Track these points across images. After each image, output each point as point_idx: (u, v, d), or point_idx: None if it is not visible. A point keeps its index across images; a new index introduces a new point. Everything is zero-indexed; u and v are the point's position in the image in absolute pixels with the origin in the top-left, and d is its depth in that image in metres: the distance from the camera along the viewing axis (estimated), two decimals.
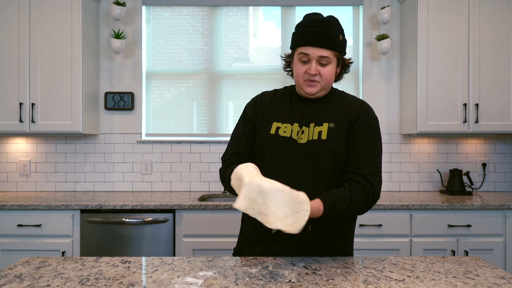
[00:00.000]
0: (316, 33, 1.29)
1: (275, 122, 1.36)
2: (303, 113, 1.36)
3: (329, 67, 1.32)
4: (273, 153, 1.34)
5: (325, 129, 1.32)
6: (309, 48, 1.29)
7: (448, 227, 2.48)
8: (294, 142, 1.33)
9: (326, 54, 1.29)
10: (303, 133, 1.33)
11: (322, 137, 1.31)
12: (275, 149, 1.34)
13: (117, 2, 2.93)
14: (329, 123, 1.33)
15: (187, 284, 1.10)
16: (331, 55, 1.31)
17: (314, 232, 1.32)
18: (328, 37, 1.29)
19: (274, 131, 1.35)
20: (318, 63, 1.31)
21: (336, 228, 1.37)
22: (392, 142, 3.13)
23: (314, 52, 1.29)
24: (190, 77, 3.21)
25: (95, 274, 1.18)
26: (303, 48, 1.31)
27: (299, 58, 1.33)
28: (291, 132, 1.34)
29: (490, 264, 1.28)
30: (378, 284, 1.11)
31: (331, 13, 3.20)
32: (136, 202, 2.56)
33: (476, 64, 2.78)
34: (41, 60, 2.75)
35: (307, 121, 1.35)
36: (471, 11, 2.78)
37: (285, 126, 1.35)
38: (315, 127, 1.33)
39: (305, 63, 1.32)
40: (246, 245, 1.45)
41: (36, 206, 2.48)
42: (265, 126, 1.38)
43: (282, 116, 1.37)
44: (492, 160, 3.12)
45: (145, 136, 3.19)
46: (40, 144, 3.11)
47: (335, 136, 1.31)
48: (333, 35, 1.30)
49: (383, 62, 3.13)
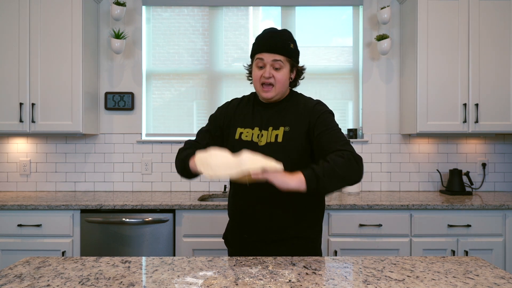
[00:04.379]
0: (269, 40, 1.47)
1: (239, 128, 1.54)
2: (262, 118, 1.52)
3: (283, 71, 1.47)
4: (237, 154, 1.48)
5: (281, 133, 1.47)
6: (264, 54, 1.46)
7: (448, 227, 2.48)
8: (255, 144, 1.48)
9: (279, 58, 1.45)
10: (262, 136, 1.49)
11: (278, 139, 1.46)
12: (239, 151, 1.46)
13: (117, 2, 2.93)
14: (284, 127, 1.48)
15: (187, 284, 1.10)
16: (283, 60, 1.46)
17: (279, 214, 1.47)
18: (281, 44, 1.46)
19: (238, 137, 1.52)
20: (272, 67, 1.46)
21: (303, 215, 1.50)
22: (392, 142, 3.13)
23: (268, 57, 1.46)
24: (190, 77, 3.21)
25: (95, 274, 1.18)
26: (259, 55, 1.48)
27: (256, 64, 1.49)
28: (252, 136, 1.50)
29: (490, 264, 1.28)
30: (378, 284, 1.11)
31: (331, 13, 3.22)
32: (136, 202, 2.57)
33: (476, 64, 2.78)
34: (41, 60, 2.75)
35: (266, 125, 1.50)
36: (471, 11, 2.78)
37: (247, 131, 1.52)
38: (272, 130, 1.48)
39: (261, 68, 1.48)
40: (227, 235, 1.64)
41: (36, 206, 2.48)
42: (231, 131, 1.55)
43: (245, 122, 1.54)
44: (492, 160, 3.12)
45: (145, 136, 3.19)
46: (40, 144, 3.11)
47: (290, 138, 1.46)
48: (285, 43, 1.47)
49: (383, 62, 3.13)
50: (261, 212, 1.49)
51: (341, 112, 3.22)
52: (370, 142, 3.12)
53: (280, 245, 1.50)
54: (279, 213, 1.48)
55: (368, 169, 3.12)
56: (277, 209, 1.47)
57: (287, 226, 1.49)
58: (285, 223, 1.49)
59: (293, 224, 1.49)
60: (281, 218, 1.49)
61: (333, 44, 3.24)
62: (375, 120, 3.13)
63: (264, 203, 1.47)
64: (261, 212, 1.49)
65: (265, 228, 1.49)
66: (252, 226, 1.51)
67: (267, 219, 1.48)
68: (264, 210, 1.48)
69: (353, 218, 2.48)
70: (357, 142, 3.11)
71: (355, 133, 3.12)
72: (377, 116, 3.13)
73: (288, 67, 1.48)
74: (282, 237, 1.50)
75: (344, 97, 3.21)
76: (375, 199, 2.65)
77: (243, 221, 1.53)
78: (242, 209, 1.53)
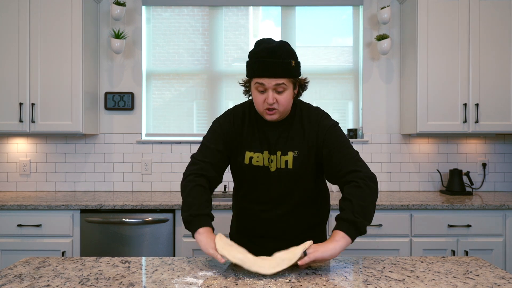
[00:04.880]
0: (269, 64, 1.32)
1: (247, 152, 1.45)
2: (269, 141, 1.44)
3: (286, 93, 1.36)
4: (249, 179, 1.49)
5: (290, 158, 1.42)
6: (264, 79, 1.33)
7: (448, 227, 2.48)
8: (267, 169, 1.45)
9: (281, 81, 1.33)
10: (272, 161, 1.44)
11: (289, 166, 1.42)
12: (251, 177, 1.47)
13: (117, 2, 2.93)
14: (293, 152, 1.42)
15: (187, 284, 1.10)
16: (286, 82, 1.35)
17: (291, 233, 1.51)
18: (281, 67, 1.32)
19: (248, 161, 1.45)
20: (274, 91, 1.35)
21: (313, 232, 1.54)
22: (392, 142, 3.13)
23: (269, 82, 1.33)
24: (190, 77, 3.21)
25: (95, 274, 1.18)
26: (259, 79, 1.34)
27: (256, 88, 1.37)
28: (263, 161, 1.45)
29: (490, 264, 1.28)
30: (378, 284, 1.11)
31: (331, 13, 3.22)
32: (136, 202, 2.56)
33: (476, 64, 2.78)
34: (41, 60, 2.75)
35: (274, 149, 1.44)
36: (471, 11, 2.78)
37: (257, 156, 1.45)
38: (281, 156, 1.43)
39: (262, 92, 1.36)
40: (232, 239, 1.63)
41: (36, 206, 2.48)
42: (239, 154, 1.47)
43: (253, 146, 1.45)
44: (492, 160, 3.12)
45: (145, 136, 3.19)
46: (40, 144, 3.11)
47: (300, 164, 1.42)
48: (286, 63, 1.33)
49: (383, 62, 3.13)
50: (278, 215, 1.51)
51: (341, 112, 3.22)
52: (370, 142, 3.12)
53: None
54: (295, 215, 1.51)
55: None
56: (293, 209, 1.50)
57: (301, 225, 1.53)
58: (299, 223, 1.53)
59: (305, 223, 1.54)
60: (297, 219, 1.52)
61: (333, 44, 3.24)
62: (375, 120, 3.13)
63: (280, 206, 1.50)
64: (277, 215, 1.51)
65: (281, 229, 1.51)
66: (270, 227, 1.52)
67: (284, 221, 1.51)
68: (282, 212, 1.51)
69: None
70: (357, 142, 3.11)
71: (355, 133, 3.12)
72: (377, 116, 3.13)
73: (291, 87, 1.38)
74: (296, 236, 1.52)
75: (344, 97, 3.21)
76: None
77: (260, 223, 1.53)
78: (258, 212, 1.53)
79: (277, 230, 1.51)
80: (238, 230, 1.63)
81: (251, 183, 1.49)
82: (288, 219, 1.50)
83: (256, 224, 1.54)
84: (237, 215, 1.62)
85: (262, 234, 1.53)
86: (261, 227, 1.53)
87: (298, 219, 1.52)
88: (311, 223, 1.56)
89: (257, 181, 1.48)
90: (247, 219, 1.56)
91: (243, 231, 1.60)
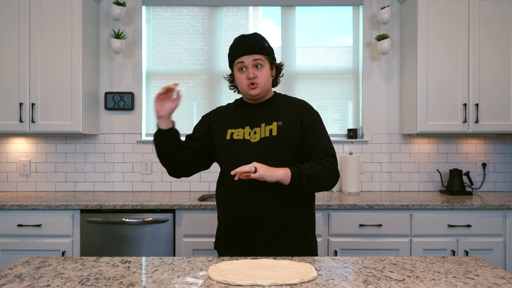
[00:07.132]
0: (245, 44, 1.56)
1: (229, 129, 1.60)
2: (252, 117, 1.60)
3: (264, 69, 1.56)
4: (231, 153, 1.57)
5: (274, 127, 1.55)
6: (243, 57, 1.55)
7: (448, 227, 2.48)
8: (247, 141, 1.55)
9: (258, 57, 1.55)
10: (256, 133, 1.56)
11: (273, 133, 1.54)
12: (232, 150, 1.57)
13: (117, 2, 2.93)
14: (277, 122, 1.57)
15: (187, 284, 1.10)
16: (262, 58, 1.56)
17: (278, 221, 1.53)
18: (256, 44, 1.56)
19: (229, 137, 1.59)
20: (254, 67, 1.55)
21: (300, 221, 1.57)
22: (392, 142, 3.13)
23: (247, 59, 1.54)
24: (190, 77, 3.21)
25: (95, 274, 1.18)
26: (239, 59, 1.55)
27: (237, 69, 1.57)
28: (244, 134, 1.57)
29: (490, 264, 1.28)
30: (378, 284, 1.11)
31: (331, 13, 3.22)
32: (136, 202, 2.57)
33: (476, 64, 2.78)
34: (41, 60, 2.75)
35: (258, 122, 1.58)
36: (471, 11, 2.78)
37: (238, 131, 1.58)
38: (265, 126, 1.56)
39: (243, 71, 1.56)
40: (220, 242, 1.64)
41: (36, 206, 2.48)
42: (220, 134, 1.61)
43: (235, 123, 1.61)
44: (492, 160, 3.12)
45: (145, 136, 3.19)
46: (40, 144, 3.11)
47: (284, 131, 1.54)
48: (259, 43, 1.57)
49: (383, 62, 3.13)
50: (263, 208, 1.51)
51: (341, 112, 3.22)
52: (370, 142, 3.12)
53: (281, 239, 1.53)
54: (282, 209, 1.53)
55: (368, 169, 3.12)
56: (278, 204, 1.52)
57: (287, 219, 1.54)
58: (286, 217, 1.54)
59: (290, 230, 1.55)
60: (283, 212, 1.53)
61: (333, 44, 3.24)
62: (375, 120, 3.13)
63: (266, 198, 1.51)
64: (263, 208, 1.51)
65: (268, 223, 1.52)
66: (256, 222, 1.52)
67: (270, 214, 1.52)
68: (267, 205, 1.51)
69: (353, 218, 2.48)
70: (357, 142, 3.11)
71: (355, 133, 3.12)
72: (377, 116, 3.13)
73: (268, 64, 1.57)
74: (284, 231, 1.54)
75: (344, 97, 3.21)
76: (375, 199, 2.65)
77: (246, 220, 1.53)
78: (245, 208, 1.52)
79: (263, 217, 1.50)
80: (226, 227, 1.61)
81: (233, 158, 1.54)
82: (272, 201, 1.50)
83: (242, 211, 1.52)
84: (223, 209, 1.61)
85: (249, 224, 1.52)
86: (247, 214, 1.51)
87: (283, 202, 1.52)
88: (296, 210, 1.55)
89: (237, 154, 1.54)
90: (233, 207, 1.55)
91: (231, 226, 1.57)
